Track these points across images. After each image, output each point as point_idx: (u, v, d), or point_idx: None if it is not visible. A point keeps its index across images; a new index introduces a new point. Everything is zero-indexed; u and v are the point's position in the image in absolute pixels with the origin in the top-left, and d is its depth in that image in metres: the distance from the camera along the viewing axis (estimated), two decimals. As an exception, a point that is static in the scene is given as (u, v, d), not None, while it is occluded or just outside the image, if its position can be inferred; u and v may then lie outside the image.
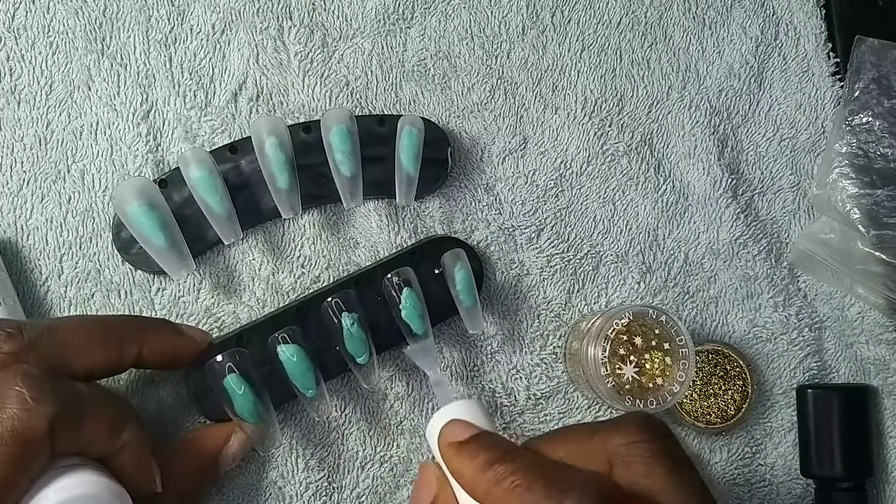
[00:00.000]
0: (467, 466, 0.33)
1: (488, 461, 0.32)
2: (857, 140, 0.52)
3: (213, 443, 0.43)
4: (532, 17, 0.52)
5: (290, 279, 0.48)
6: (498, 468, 0.32)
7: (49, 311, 0.46)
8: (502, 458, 0.32)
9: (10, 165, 0.46)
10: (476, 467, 0.32)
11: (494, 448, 0.33)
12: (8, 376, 0.34)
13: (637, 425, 0.32)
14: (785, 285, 0.52)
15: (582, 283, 0.50)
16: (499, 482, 0.31)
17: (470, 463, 0.33)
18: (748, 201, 0.52)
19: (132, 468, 0.36)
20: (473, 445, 0.34)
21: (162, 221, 0.43)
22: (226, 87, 0.49)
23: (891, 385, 0.51)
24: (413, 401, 0.48)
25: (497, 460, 0.32)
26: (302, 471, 0.46)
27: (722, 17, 0.54)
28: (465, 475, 0.33)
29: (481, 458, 0.33)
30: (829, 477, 0.49)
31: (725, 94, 0.53)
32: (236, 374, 0.41)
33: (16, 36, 0.47)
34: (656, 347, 0.45)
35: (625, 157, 0.52)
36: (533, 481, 0.30)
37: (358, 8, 0.50)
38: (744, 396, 0.49)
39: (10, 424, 0.32)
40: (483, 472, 0.32)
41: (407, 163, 0.46)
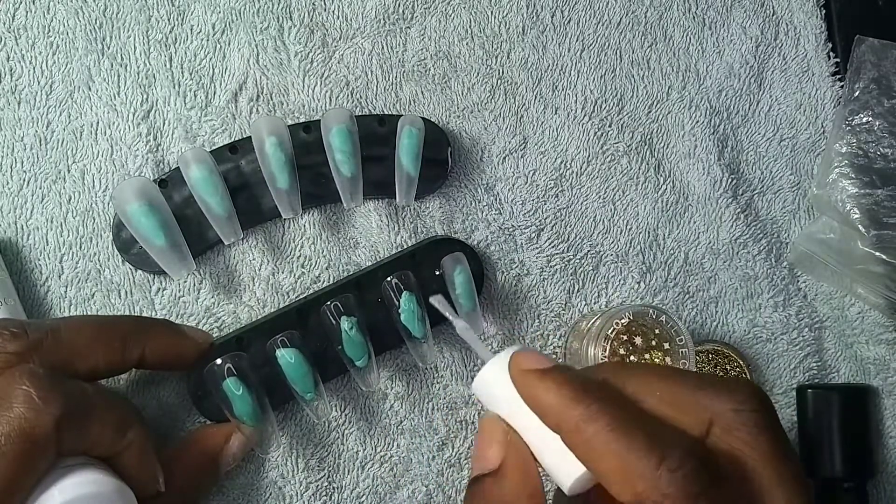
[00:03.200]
0: (553, 395, 0.29)
1: (579, 394, 0.29)
2: (857, 140, 0.52)
3: (214, 443, 0.43)
4: (532, 17, 0.52)
5: (290, 279, 0.48)
6: (591, 405, 0.28)
7: (49, 311, 0.46)
8: (595, 395, 0.29)
9: (10, 165, 0.46)
10: (565, 397, 0.29)
11: (586, 381, 0.29)
12: (14, 376, 0.34)
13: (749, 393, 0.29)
14: (785, 285, 0.52)
15: (582, 283, 0.50)
16: (592, 420, 0.28)
17: (557, 392, 0.29)
18: (748, 201, 0.52)
19: (136, 468, 0.37)
20: (560, 375, 0.30)
21: (162, 221, 0.43)
22: (226, 87, 0.49)
23: (891, 385, 0.51)
24: (413, 401, 0.48)
25: (590, 395, 0.28)
26: (302, 471, 0.46)
27: (722, 17, 0.54)
28: (550, 404, 0.29)
29: (570, 389, 0.29)
30: (830, 477, 0.49)
31: (725, 94, 0.53)
32: (235, 378, 0.41)
33: (16, 36, 0.47)
34: (656, 347, 0.45)
35: (625, 157, 0.52)
36: (632, 429, 0.27)
37: (358, 8, 0.50)
38: (744, 396, 0.49)
39: (17, 423, 0.32)
40: (573, 405, 0.28)
41: (407, 163, 0.46)
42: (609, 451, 0.27)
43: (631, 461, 0.27)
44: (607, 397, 0.29)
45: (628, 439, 0.27)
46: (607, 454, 0.27)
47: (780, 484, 0.28)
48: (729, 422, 0.29)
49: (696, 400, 0.29)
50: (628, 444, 0.27)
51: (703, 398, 0.29)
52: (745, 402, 0.29)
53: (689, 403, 0.29)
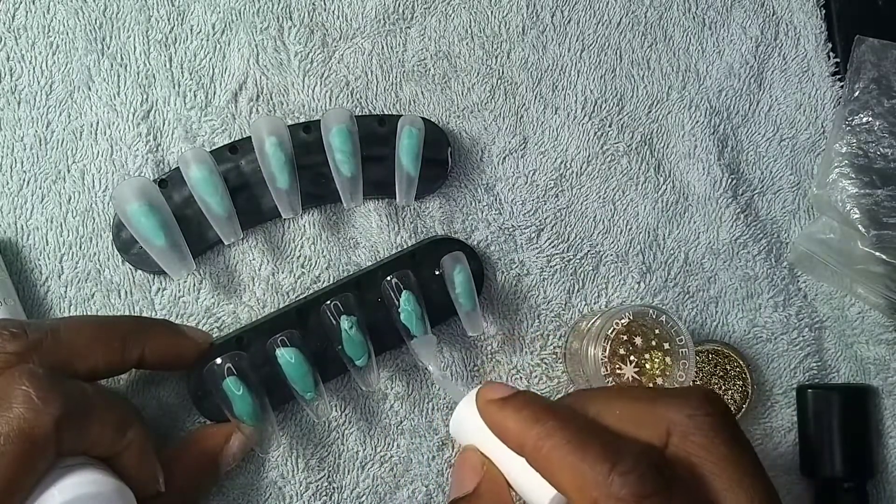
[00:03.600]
0: (512, 420, 0.31)
1: (536, 415, 0.31)
2: (857, 140, 0.52)
3: (214, 443, 0.43)
4: (532, 17, 0.52)
5: (290, 279, 0.48)
6: (547, 423, 0.30)
7: (49, 311, 0.46)
8: (553, 414, 0.31)
9: (10, 165, 0.46)
10: (523, 420, 0.31)
11: (541, 403, 0.32)
12: (14, 376, 0.34)
13: (702, 398, 0.31)
14: (785, 285, 0.52)
15: (582, 283, 0.50)
16: (548, 436, 0.30)
17: (516, 416, 0.31)
18: (748, 201, 0.52)
19: (136, 468, 0.37)
20: (519, 400, 0.32)
21: (162, 221, 0.43)
22: (226, 87, 0.49)
23: (891, 385, 0.51)
24: (413, 401, 0.48)
25: (546, 415, 0.31)
26: (302, 471, 0.46)
27: (722, 17, 0.54)
28: (510, 429, 0.31)
29: (528, 411, 0.31)
30: (829, 477, 0.49)
31: (725, 94, 0.53)
32: (235, 377, 0.41)
33: (16, 36, 0.47)
34: (656, 347, 0.45)
35: (625, 157, 0.52)
36: (586, 441, 0.29)
37: (358, 8, 0.50)
38: (744, 396, 0.49)
39: (17, 424, 0.32)
40: (531, 426, 0.30)
41: (407, 163, 0.46)
42: (565, 464, 0.29)
43: (585, 470, 0.28)
44: (564, 416, 0.31)
45: (583, 451, 0.29)
46: (564, 467, 0.29)
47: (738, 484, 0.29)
48: (684, 428, 0.30)
49: (653, 411, 0.31)
50: (582, 455, 0.29)
51: (659, 409, 0.31)
52: (699, 408, 0.30)
53: (647, 416, 0.31)
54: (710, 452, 0.29)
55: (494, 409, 0.33)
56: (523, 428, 0.31)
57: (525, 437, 0.31)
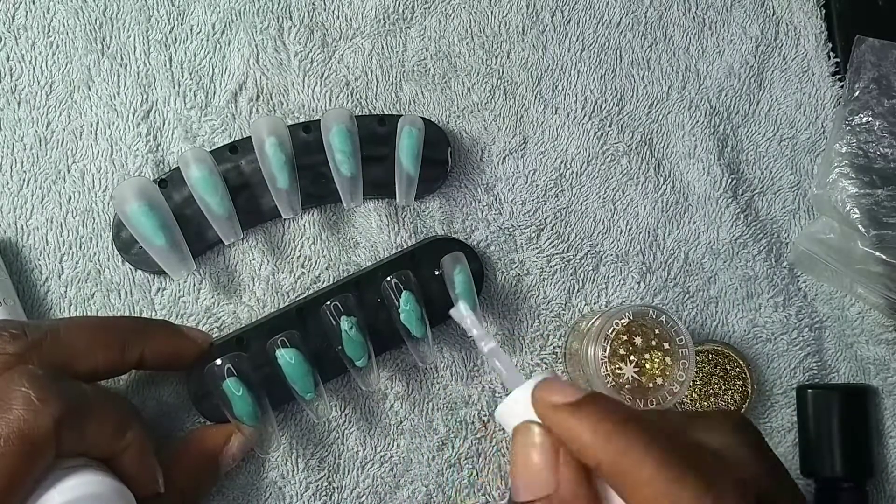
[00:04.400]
0: (587, 431, 0.27)
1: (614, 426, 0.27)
2: (857, 140, 0.52)
3: (214, 443, 0.43)
4: (532, 17, 0.52)
5: (290, 279, 0.48)
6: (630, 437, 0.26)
7: (49, 311, 0.46)
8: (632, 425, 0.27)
9: (10, 165, 0.46)
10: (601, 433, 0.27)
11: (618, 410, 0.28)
12: (13, 377, 0.34)
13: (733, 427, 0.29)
14: (785, 285, 0.52)
15: (582, 283, 0.50)
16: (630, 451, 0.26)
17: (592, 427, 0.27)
18: (748, 201, 0.52)
19: (136, 469, 0.37)
20: (594, 406, 0.28)
21: (162, 221, 0.43)
22: (226, 87, 0.49)
23: (891, 385, 0.51)
24: (413, 401, 0.48)
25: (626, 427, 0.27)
26: (302, 471, 0.46)
27: (722, 17, 0.54)
28: (584, 441, 0.27)
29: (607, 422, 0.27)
30: (829, 477, 0.49)
31: (725, 94, 0.53)
32: (235, 378, 0.41)
33: (16, 36, 0.47)
34: (656, 347, 0.45)
35: (625, 157, 0.52)
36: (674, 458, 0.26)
37: (358, 8, 0.50)
38: (744, 396, 0.49)
39: (17, 425, 0.32)
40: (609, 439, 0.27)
41: (407, 163, 0.46)
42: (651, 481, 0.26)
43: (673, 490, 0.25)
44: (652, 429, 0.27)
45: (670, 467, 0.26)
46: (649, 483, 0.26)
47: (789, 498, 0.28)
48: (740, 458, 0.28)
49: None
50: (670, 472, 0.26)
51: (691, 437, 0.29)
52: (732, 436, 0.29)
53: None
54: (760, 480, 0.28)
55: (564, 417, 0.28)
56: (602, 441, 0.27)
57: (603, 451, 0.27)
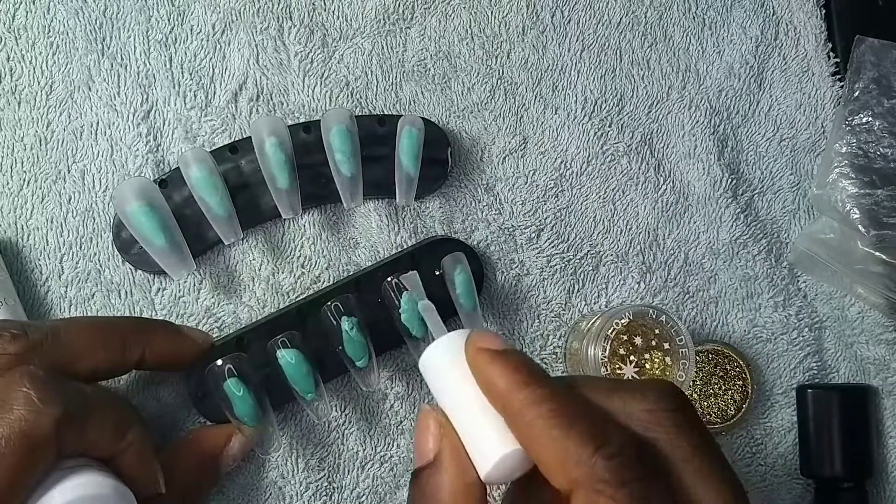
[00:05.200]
0: (502, 378, 0.30)
1: (527, 380, 0.29)
2: (857, 140, 0.52)
3: (214, 443, 0.43)
4: (532, 17, 0.52)
5: (290, 279, 0.48)
6: (537, 389, 0.29)
7: (49, 311, 0.46)
8: (544, 382, 0.29)
9: (10, 165, 0.46)
10: (514, 381, 0.29)
11: (535, 368, 0.30)
12: (14, 377, 0.34)
13: (662, 392, 0.30)
14: (785, 285, 0.52)
15: (582, 283, 0.50)
16: (536, 404, 0.28)
17: (507, 375, 0.30)
18: (748, 201, 0.52)
19: (136, 469, 0.37)
20: (512, 359, 0.30)
21: (162, 221, 0.43)
22: (226, 87, 0.49)
23: (891, 385, 0.51)
24: (413, 401, 0.48)
25: (538, 382, 0.29)
26: (302, 471, 0.46)
27: (722, 17, 0.54)
28: (498, 386, 0.30)
29: (521, 374, 0.29)
30: (829, 477, 0.49)
31: (725, 94, 0.53)
32: (236, 378, 0.41)
33: (16, 36, 0.47)
34: (656, 347, 0.45)
35: (625, 157, 0.52)
36: (574, 417, 0.28)
37: (358, 8, 0.50)
38: (744, 396, 0.49)
39: (18, 425, 0.32)
40: (521, 388, 0.29)
41: (407, 163, 0.46)
42: (548, 437, 0.28)
43: (569, 447, 0.27)
44: (555, 385, 0.29)
45: (568, 425, 0.28)
46: (547, 439, 0.28)
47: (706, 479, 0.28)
48: (644, 422, 0.29)
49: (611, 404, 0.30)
50: (568, 430, 0.27)
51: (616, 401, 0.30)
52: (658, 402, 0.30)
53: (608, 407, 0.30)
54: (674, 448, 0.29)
55: (485, 360, 0.31)
56: (512, 389, 0.29)
57: (512, 398, 0.29)
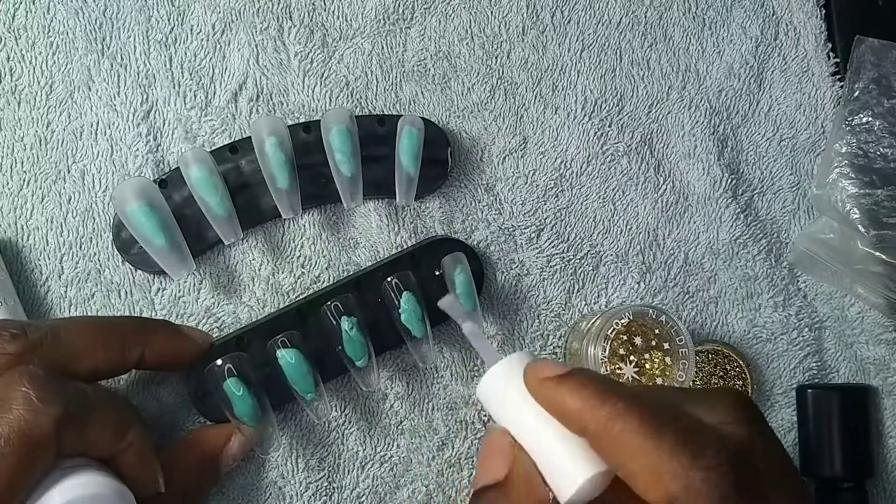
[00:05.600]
0: (573, 399, 0.28)
1: (602, 394, 0.28)
2: (857, 140, 0.52)
3: (214, 443, 0.43)
4: (532, 17, 0.52)
5: (290, 279, 0.48)
6: (619, 403, 0.27)
7: (49, 311, 0.46)
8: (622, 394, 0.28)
9: (10, 165, 0.46)
10: (586, 400, 0.28)
11: (607, 381, 0.29)
12: (13, 377, 0.34)
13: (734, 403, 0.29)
14: (785, 285, 0.52)
15: (582, 283, 0.50)
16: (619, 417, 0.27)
17: (577, 395, 0.28)
18: (748, 201, 0.52)
19: (136, 469, 0.37)
20: (578, 378, 0.29)
21: (162, 221, 0.43)
22: (226, 87, 0.49)
23: (891, 385, 0.51)
24: (413, 401, 0.48)
25: (613, 395, 0.28)
26: (302, 471, 0.46)
27: (722, 17, 0.54)
28: (571, 409, 0.28)
29: (592, 390, 0.28)
30: (829, 477, 0.49)
31: (725, 94, 0.53)
32: (236, 378, 0.41)
33: (16, 36, 0.47)
34: (656, 347, 0.45)
35: (625, 157, 0.52)
36: (663, 426, 0.26)
37: (358, 8, 0.50)
38: (744, 396, 0.49)
39: (17, 425, 0.32)
40: (599, 404, 0.27)
41: (407, 163, 0.46)
42: (639, 449, 0.26)
43: (662, 459, 0.26)
44: (633, 395, 0.28)
45: (660, 437, 0.26)
46: (637, 452, 0.26)
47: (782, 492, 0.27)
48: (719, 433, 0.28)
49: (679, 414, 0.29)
50: (659, 441, 0.26)
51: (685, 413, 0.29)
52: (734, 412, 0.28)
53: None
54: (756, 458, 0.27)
55: (551, 387, 0.29)
56: (588, 408, 0.28)
57: (593, 416, 0.28)
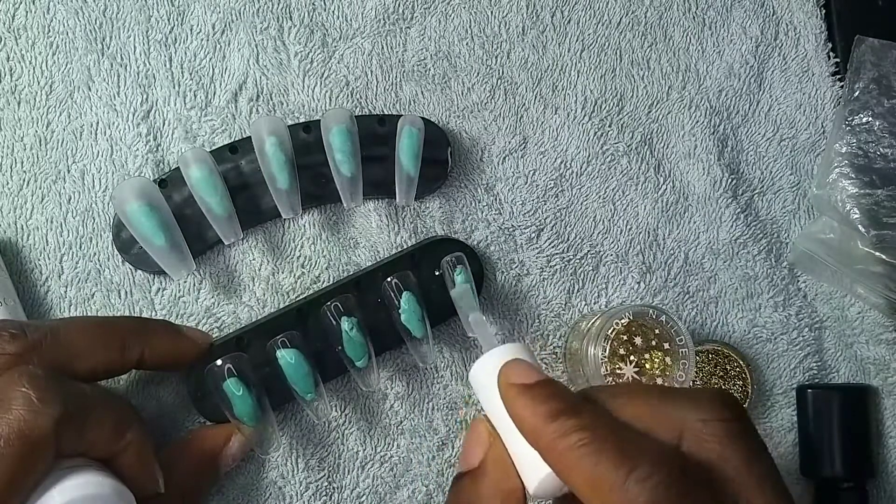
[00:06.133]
0: (531, 412, 0.30)
1: (555, 411, 0.30)
2: (857, 140, 0.52)
3: (214, 443, 0.43)
4: (532, 17, 0.52)
5: (290, 279, 0.48)
6: (565, 421, 0.29)
7: (49, 311, 0.46)
8: (571, 411, 0.29)
9: (10, 165, 0.46)
10: (541, 415, 0.30)
11: (563, 398, 0.30)
12: (13, 377, 0.34)
13: (716, 402, 0.29)
14: (785, 285, 0.52)
15: (582, 283, 0.50)
16: (564, 436, 0.29)
17: (534, 409, 0.30)
18: (748, 201, 0.52)
19: (136, 469, 0.36)
20: (540, 391, 0.31)
21: (162, 221, 0.43)
22: (226, 87, 0.49)
23: (891, 385, 0.51)
24: (413, 401, 0.48)
25: (565, 412, 0.29)
26: (302, 471, 0.46)
27: (722, 17, 0.54)
28: (527, 421, 0.31)
29: (548, 407, 0.30)
30: (829, 477, 0.49)
31: (725, 94, 0.53)
32: (235, 378, 0.41)
33: (16, 36, 0.47)
34: (656, 347, 0.45)
35: (625, 157, 0.52)
36: (602, 443, 0.28)
37: (358, 8, 0.50)
38: (744, 396, 0.49)
39: (17, 425, 0.32)
40: (548, 422, 0.29)
41: (407, 163, 0.46)
42: (580, 466, 0.28)
43: (600, 474, 0.27)
44: (583, 413, 0.30)
45: (599, 453, 0.28)
46: (579, 469, 0.28)
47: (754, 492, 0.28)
48: (697, 433, 0.29)
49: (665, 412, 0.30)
50: (598, 457, 0.28)
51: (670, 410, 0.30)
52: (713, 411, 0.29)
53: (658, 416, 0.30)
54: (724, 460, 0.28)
55: (514, 395, 0.31)
56: (541, 423, 0.30)
57: (541, 432, 0.30)
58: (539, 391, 0.31)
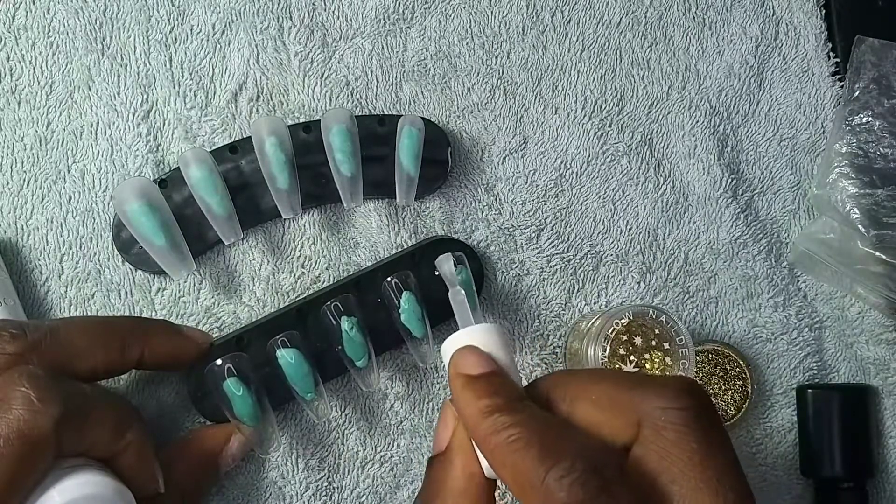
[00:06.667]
0: (470, 405, 0.32)
1: (492, 407, 0.31)
2: (857, 140, 0.52)
3: (214, 443, 0.43)
4: (532, 17, 0.52)
5: (290, 279, 0.48)
6: (499, 418, 0.30)
7: (49, 311, 0.46)
8: (506, 408, 0.31)
9: (10, 165, 0.46)
10: (479, 409, 0.31)
11: (502, 394, 0.32)
12: (13, 377, 0.34)
13: (678, 390, 0.29)
14: (785, 285, 0.52)
15: (582, 283, 0.50)
16: (497, 432, 0.30)
17: (474, 402, 0.31)
18: (748, 201, 0.52)
19: (136, 469, 0.37)
20: (481, 385, 0.32)
21: (162, 221, 0.43)
22: (226, 87, 0.49)
23: (891, 385, 0.51)
24: (413, 401, 0.48)
25: (501, 409, 0.31)
26: (302, 471, 0.46)
27: (722, 17, 0.54)
28: (466, 413, 0.32)
29: (486, 402, 0.31)
30: (829, 477, 0.49)
31: (725, 94, 0.53)
32: (235, 378, 0.41)
33: (16, 36, 0.47)
34: (656, 347, 0.45)
35: (625, 157, 0.52)
36: (529, 440, 0.29)
37: (358, 8, 0.50)
38: (744, 396, 0.49)
39: (16, 425, 0.32)
40: (484, 416, 0.31)
41: (407, 163, 0.46)
42: (508, 462, 0.29)
43: (525, 470, 0.28)
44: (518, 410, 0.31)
45: (525, 450, 0.29)
46: (507, 464, 0.29)
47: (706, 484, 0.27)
48: (656, 421, 0.29)
49: (628, 399, 0.30)
50: (524, 454, 0.28)
51: (634, 398, 0.29)
52: (675, 399, 0.29)
53: (621, 404, 0.30)
54: (680, 450, 0.28)
55: (459, 386, 0.33)
56: (478, 417, 0.31)
57: (477, 427, 0.31)
58: (481, 385, 0.32)
